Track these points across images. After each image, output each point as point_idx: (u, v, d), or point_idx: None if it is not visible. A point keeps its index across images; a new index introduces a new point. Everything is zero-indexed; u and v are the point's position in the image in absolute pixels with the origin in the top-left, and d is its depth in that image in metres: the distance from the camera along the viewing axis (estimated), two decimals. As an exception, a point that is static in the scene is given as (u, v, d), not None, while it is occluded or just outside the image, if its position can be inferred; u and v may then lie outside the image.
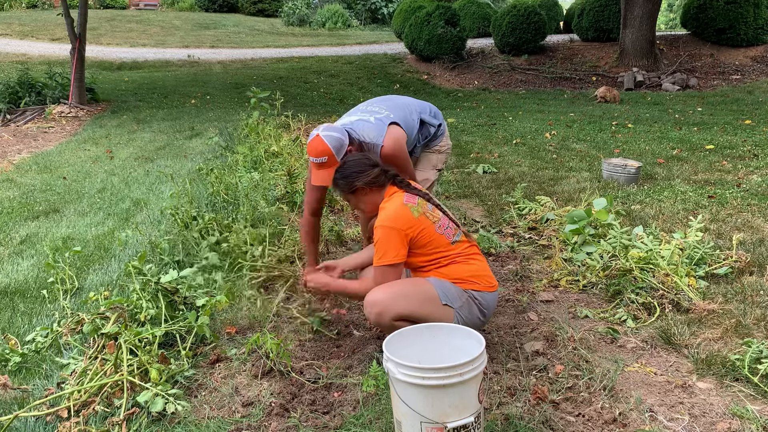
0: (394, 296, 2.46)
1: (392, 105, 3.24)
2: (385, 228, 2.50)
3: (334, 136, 2.82)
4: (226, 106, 11.25)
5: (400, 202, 2.55)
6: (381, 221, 2.53)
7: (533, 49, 15.97)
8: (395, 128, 3.05)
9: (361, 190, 2.64)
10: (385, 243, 2.50)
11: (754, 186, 5.27)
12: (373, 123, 3.04)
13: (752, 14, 14.34)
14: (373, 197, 2.65)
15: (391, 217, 2.51)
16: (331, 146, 2.79)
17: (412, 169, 3.15)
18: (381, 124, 3.04)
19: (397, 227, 2.49)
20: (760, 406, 2.31)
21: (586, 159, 6.72)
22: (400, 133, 3.06)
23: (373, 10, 27.25)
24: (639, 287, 3.24)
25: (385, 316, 2.43)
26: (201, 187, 5.03)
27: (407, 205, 2.53)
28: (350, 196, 2.69)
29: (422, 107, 3.33)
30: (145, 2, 28.33)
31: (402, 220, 2.50)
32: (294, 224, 4.38)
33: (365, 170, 2.63)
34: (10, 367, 2.71)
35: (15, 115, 10.24)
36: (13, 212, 5.06)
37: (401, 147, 3.03)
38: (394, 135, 3.02)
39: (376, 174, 2.63)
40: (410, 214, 2.51)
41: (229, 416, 2.33)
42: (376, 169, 2.64)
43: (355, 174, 2.63)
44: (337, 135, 2.83)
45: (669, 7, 29.23)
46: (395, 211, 2.52)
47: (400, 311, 2.43)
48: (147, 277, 2.94)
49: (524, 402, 2.36)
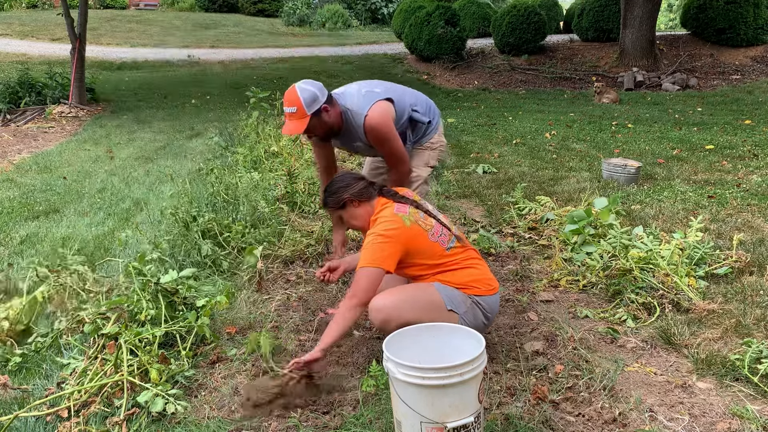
0: (400, 303, 2.44)
1: (389, 87, 3.22)
2: (377, 235, 2.48)
3: (307, 89, 2.86)
4: (226, 106, 11.25)
5: (391, 212, 2.54)
6: (373, 230, 2.52)
7: (533, 49, 15.96)
8: (384, 102, 3.03)
9: (350, 204, 2.64)
10: (373, 248, 2.46)
11: (754, 186, 5.27)
12: (363, 94, 3.05)
13: (752, 14, 14.33)
14: (363, 210, 2.64)
15: (383, 226, 2.50)
16: (302, 97, 2.84)
17: (398, 145, 3.09)
18: (371, 96, 3.03)
19: (388, 235, 2.47)
20: (760, 406, 2.31)
21: (586, 159, 6.72)
22: (387, 107, 3.03)
23: (373, 10, 27.24)
24: (639, 287, 3.24)
25: (390, 323, 2.40)
26: (201, 187, 5.03)
27: (398, 215, 2.52)
28: (341, 212, 2.69)
29: (417, 99, 3.30)
30: (145, 2, 28.32)
31: (393, 229, 2.48)
32: (294, 224, 4.39)
33: (351, 183, 2.65)
34: (10, 367, 2.71)
35: (15, 115, 10.24)
36: (13, 212, 5.06)
37: (385, 120, 3.00)
38: (381, 108, 3.00)
39: (362, 186, 2.64)
40: (402, 223, 2.50)
41: (229, 416, 2.33)
42: (362, 182, 2.66)
43: (341, 189, 2.64)
44: (311, 89, 2.87)
45: (669, 7, 29.23)
46: (387, 220, 2.51)
47: (406, 318, 2.38)
48: (147, 278, 2.94)
49: (524, 402, 2.36)
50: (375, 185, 2.69)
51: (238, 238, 3.95)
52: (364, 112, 2.98)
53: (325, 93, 2.93)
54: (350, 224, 2.74)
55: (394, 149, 3.05)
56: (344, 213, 2.68)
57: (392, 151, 3.08)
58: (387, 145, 3.02)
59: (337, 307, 3.23)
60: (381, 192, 2.67)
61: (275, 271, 3.75)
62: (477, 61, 16.17)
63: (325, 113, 2.94)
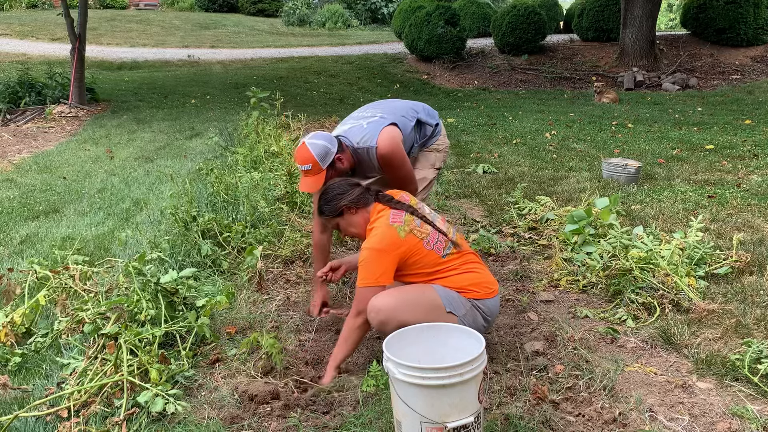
0: (399, 304, 2.44)
1: (385, 108, 3.24)
2: (372, 250, 2.48)
3: (318, 144, 2.86)
4: (226, 106, 11.25)
5: (386, 222, 2.53)
6: (368, 243, 2.52)
7: (533, 49, 15.97)
8: (390, 128, 3.05)
9: (347, 211, 2.64)
10: (369, 264, 2.48)
11: (754, 186, 5.27)
12: (366, 127, 3.06)
13: (752, 14, 14.34)
14: (360, 217, 2.64)
15: (377, 239, 2.50)
16: (315, 153, 2.84)
17: (410, 167, 3.13)
18: (374, 126, 3.04)
19: (383, 249, 2.47)
20: (760, 406, 2.31)
21: (586, 159, 6.72)
22: (395, 132, 3.04)
23: (373, 10, 27.22)
24: (639, 287, 3.24)
25: (388, 324, 2.40)
26: (201, 187, 5.03)
27: (393, 226, 2.51)
28: (339, 220, 2.69)
29: (417, 107, 3.32)
30: (145, 2, 28.31)
31: (388, 242, 2.48)
32: (294, 224, 4.39)
33: (347, 191, 2.65)
34: (10, 367, 2.71)
35: (15, 115, 10.24)
36: (13, 212, 5.06)
37: (396, 146, 3.01)
38: (389, 134, 3.01)
39: (358, 193, 2.64)
40: (396, 235, 2.49)
41: (229, 416, 2.33)
42: (358, 189, 2.66)
43: (338, 196, 2.64)
44: (321, 143, 2.87)
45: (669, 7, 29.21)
46: (382, 232, 2.50)
47: (405, 319, 2.37)
48: (147, 278, 2.94)
49: (524, 402, 2.36)
50: (371, 191, 2.68)
51: (238, 238, 3.95)
52: (374, 143, 2.98)
53: (335, 142, 2.92)
54: (347, 231, 2.73)
55: (405, 173, 3.06)
56: (341, 221, 2.68)
57: (404, 174, 3.08)
58: (401, 170, 3.03)
59: (341, 309, 3.24)
60: (377, 197, 2.66)
61: (275, 271, 3.75)
62: (477, 61, 16.17)
63: (338, 162, 2.94)
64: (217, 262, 3.70)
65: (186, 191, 4.23)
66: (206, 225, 3.96)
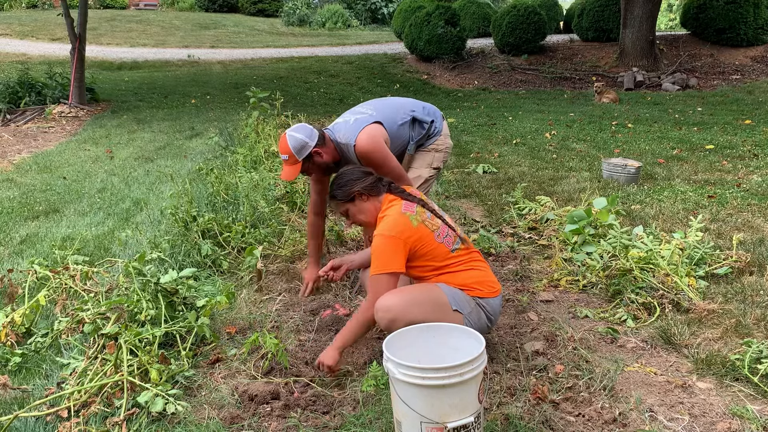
0: (407, 303, 2.43)
1: (381, 105, 3.29)
2: (384, 237, 2.48)
3: (296, 137, 2.98)
4: (226, 106, 11.25)
5: (398, 210, 2.54)
6: (380, 230, 2.52)
7: (533, 49, 15.97)
8: (372, 126, 3.10)
9: (358, 198, 2.64)
10: (383, 252, 2.48)
11: (754, 186, 5.27)
12: (351, 123, 3.13)
13: (752, 14, 14.34)
14: (371, 205, 2.65)
15: (389, 226, 2.50)
16: (291, 146, 2.97)
17: (395, 165, 3.14)
18: (358, 123, 3.11)
19: (395, 236, 2.47)
20: (760, 406, 2.31)
21: (586, 159, 6.72)
22: (376, 130, 3.09)
23: (373, 10, 27.22)
24: (639, 287, 3.24)
25: (397, 323, 2.38)
26: (201, 187, 5.03)
27: (406, 214, 2.52)
28: (349, 206, 2.68)
29: (416, 106, 3.35)
30: (145, 2, 28.32)
31: (400, 229, 2.48)
32: (294, 224, 4.39)
33: (360, 177, 2.65)
34: (10, 367, 2.71)
35: (15, 115, 10.24)
36: (13, 212, 5.06)
37: (375, 143, 3.05)
38: (369, 132, 3.07)
39: (372, 181, 2.65)
40: (409, 222, 2.50)
41: (229, 416, 2.33)
42: (371, 177, 2.67)
43: (351, 181, 2.65)
44: (300, 136, 2.98)
45: (669, 7, 29.19)
46: (394, 219, 2.51)
47: (413, 318, 2.36)
48: (147, 278, 2.94)
49: (524, 402, 2.36)
50: (384, 181, 2.69)
51: (238, 238, 3.95)
52: (353, 141, 3.06)
53: (315, 136, 3.01)
54: (356, 219, 2.73)
55: (387, 170, 3.07)
56: (352, 206, 2.68)
57: (387, 172, 3.09)
58: (382, 168, 3.05)
59: (342, 309, 3.24)
60: (389, 188, 2.67)
61: (275, 271, 3.75)
62: (477, 61, 16.17)
63: (317, 156, 3.03)
64: (217, 262, 3.71)
65: (186, 191, 4.24)
66: (206, 225, 3.96)
